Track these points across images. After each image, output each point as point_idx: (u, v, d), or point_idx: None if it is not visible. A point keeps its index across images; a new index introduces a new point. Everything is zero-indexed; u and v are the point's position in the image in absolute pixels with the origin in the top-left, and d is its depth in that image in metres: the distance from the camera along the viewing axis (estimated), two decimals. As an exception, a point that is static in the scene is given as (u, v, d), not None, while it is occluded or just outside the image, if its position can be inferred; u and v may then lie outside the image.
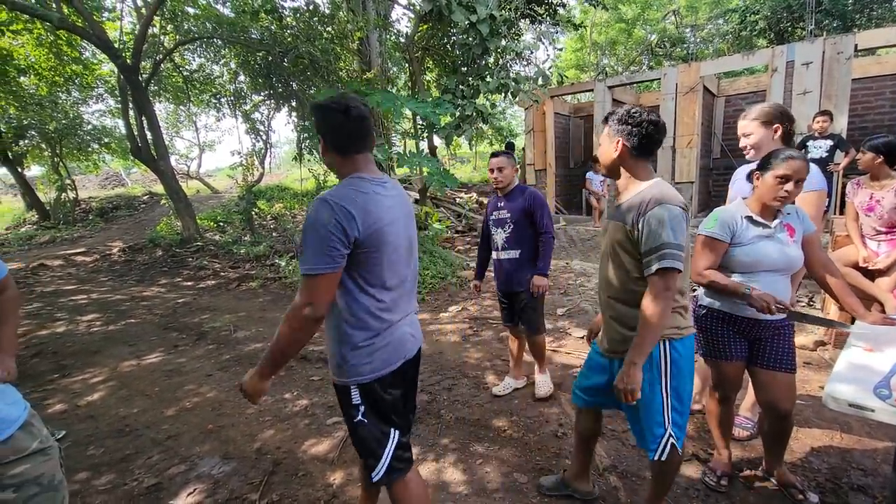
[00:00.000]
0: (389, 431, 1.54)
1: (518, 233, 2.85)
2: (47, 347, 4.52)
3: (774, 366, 1.92)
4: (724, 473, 2.16)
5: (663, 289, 1.48)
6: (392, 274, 1.47)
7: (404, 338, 1.54)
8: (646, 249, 1.50)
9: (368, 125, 1.47)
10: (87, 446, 2.75)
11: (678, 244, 1.47)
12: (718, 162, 9.52)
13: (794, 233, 1.85)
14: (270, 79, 9.42)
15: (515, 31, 7.63)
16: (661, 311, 1.49)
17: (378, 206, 1.41)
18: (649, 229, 1.49)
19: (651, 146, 1.59)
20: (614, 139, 1.60)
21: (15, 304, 1.67)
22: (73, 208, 14.35)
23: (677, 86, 7.39)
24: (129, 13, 10.36)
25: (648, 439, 1.66)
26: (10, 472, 1.35)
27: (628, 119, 1.57)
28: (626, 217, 1.57)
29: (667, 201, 1.48)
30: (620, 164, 1.63)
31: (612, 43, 19.42)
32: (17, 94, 10.93)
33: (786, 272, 1.86)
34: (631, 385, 1.54)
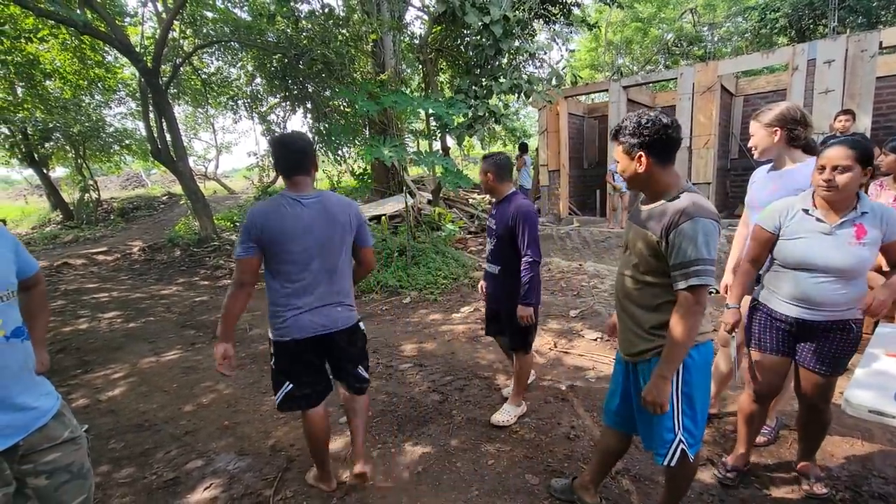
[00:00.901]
0: (283, 381, 2.04)
1: (500, 248, 2.61)
2: (71, 344, 4.66)
3: (811, 366, 1.90)
4: (735, 468, 2.16)
5: (694, 303, 1.45)
6: (296, 270, 1.94)
7: (303, 323, 1.95)
8: (676, 263, 1.46)
9: (303, 156, 1.94)
10: (108, 440, 2.82)
11: (710, 259, 1.44)
12: (736, 162, 9.35)
13: (866, 233, 1.72)
14: (286, 81, 9.55)
15: (529, 31, 7.61)
16: (691, 326, 1.47)
17: (281, 218, 1.88)
18: (682, 244, 1.44)
19: (673, 150, 1.54)
20: (635, 154, 1.54)
21: (45, 298, 1.73)
22: (96, 208, 14.74)
23: (694, 85, 7.29)
24: (150, 18, 10.60)
25: (657, 444, 1.64)
26: (44, 459, 1.41)
27: (643, 130, 1.50)
28: (653, 226, 1.53)
29: (699, 215, 1.43)
30: (649, 178, 1.56)
31: (628, 42, 19.23)
32: (43, 97, 11.27)
33: (844, 275, 1.74)
34: (660, 399, 1.52)
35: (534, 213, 2.53)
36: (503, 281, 2.63)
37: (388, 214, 9.20)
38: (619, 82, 8.33)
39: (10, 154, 13.95)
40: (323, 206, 1.95)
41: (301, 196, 1.93)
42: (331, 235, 1.96)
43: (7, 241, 1.46)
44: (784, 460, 2.31)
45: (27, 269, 1.53)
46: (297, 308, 1.94)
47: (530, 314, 2.53)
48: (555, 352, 3.84)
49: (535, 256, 2.48)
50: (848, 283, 1.76)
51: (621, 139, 1.57)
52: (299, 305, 1.95)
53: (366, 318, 5.01)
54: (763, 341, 2.00)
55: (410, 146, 9.52)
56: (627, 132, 1.54)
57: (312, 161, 1.98)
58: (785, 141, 2.12)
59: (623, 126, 1.56)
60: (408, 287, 6.00)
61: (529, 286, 2.49)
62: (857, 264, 1.72)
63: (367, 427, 2.49)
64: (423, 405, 3.06)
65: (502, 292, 2.65)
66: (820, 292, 1.77)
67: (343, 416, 2.96)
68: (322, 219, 1.94)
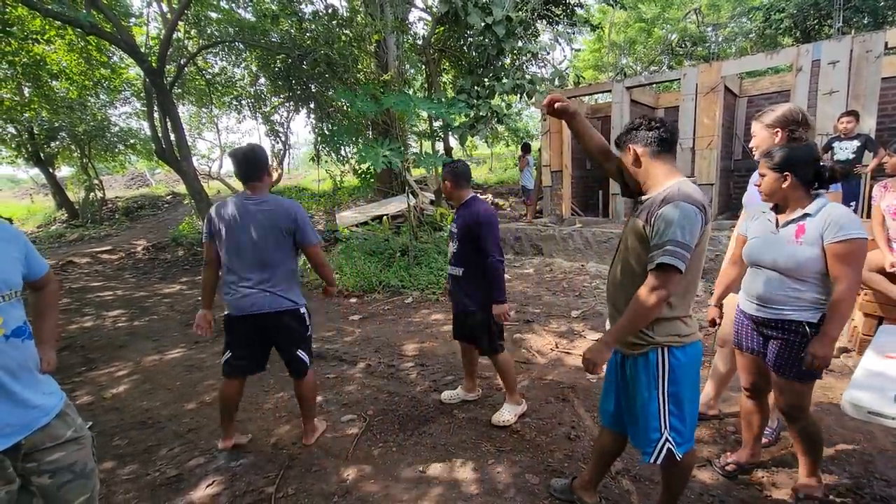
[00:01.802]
0: (225, 350, 2.52)
1: (462, 250, 2.68)
2: (76, 341, 4.69)
3: (774, 368, 1.91)
4: (736, 462, 2.20)
5: (658, 285, 1.47)
6: (232, 259, 2.37)
7: (241, 302, 2.37)
8: (653, 244, 1.50)
9: (255, 166, 2.34)
10: (112, 437, 2.85)
11: (684, 243, 1.44)
12: (740, 163, 9.31)
13: (804, 233, 1.77)
14: (290, 81, 9.58)
15: (532, 32, 7.61)
16: (649, 306, 1.49)
17: (228, 215, 2.34)
18: (659, 225, 1.48)
19: (668, 142, 1.59)
20: (624, 149, 1.66)
21: (55, 298, 1.74)
22: (101, 207, 14.82)
23: (697, 86, 7.26)
24: (154, 18, 10.66)
25: (643, 442, 1.66)
26: (47, 458, 1.42)
27: (630, 126, 1.64)
28: (642, 214, 1.58)
29: (682, 199, 1.47)
30: (642, 172, 1.63)
31: (631, 43, 19.20)
32: (49, 97, 11.35)
33: (786, 272, 1.80)
34: (594, 359, 1.57)
35: (494, 216, 2.65)
36: (466, 282, 2.71)
37: (390, 214, 9.22)
38: (623, 83, 8.32)
39: (17, 153, 14.06)
40: (264, 207, 2.34)
41: (251, 198, 2.35)
42: (264, 234, 2.33)
43: (16, 242, 1.47)
44: (786, 462, 2.31)
45: (37, 270, 1.55)
46: (233, 290, 2.38)
47: (506, 310, 2.63)
48: (556, 352, 3.84)
49: (498, 256, 2.59)
50: (794, 283, 1.80)
51: (619, 144, 1.70)
52: (236, 289, 2.38)
53: (368, 318, 5.04)
54: (738, 339, 2.09)
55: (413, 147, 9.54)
56: (623, 136, 1.68)
57: (265, 169, 2.38)
58: (786, 142, 2.12)
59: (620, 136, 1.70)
60: (410, 287, 6.02)
61: (496, 284, 2.59)
62: (792, 261, 1.77)
63: (313, 410, 2.70)
64: (424, 404, 3.07)
65: (464, 293, 2.73)
66: (767, 289, 1.86)
67: (344, 414, 2.98)
68: (260, 218, 2.32)
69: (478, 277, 2.64)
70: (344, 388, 3.36)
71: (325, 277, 2.58)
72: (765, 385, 2.08)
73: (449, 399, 3.10)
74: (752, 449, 2.20)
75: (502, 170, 18.91)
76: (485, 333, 2.72)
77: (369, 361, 3.81)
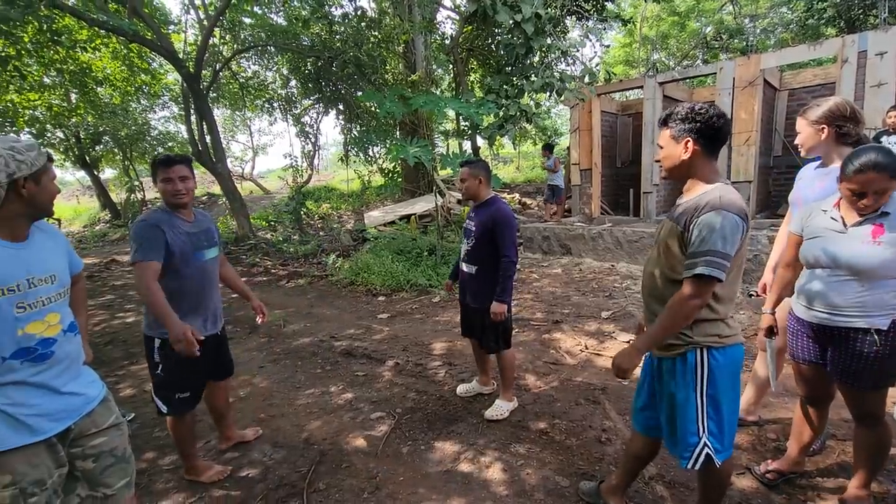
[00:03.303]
0: None
1: (478, 248, 2.70)
2: (119, 336, 4.91)
3: (842, 379, 1.80)
4: (777, 470, 2.10)
5: (694, 294, 1.43)
6: None
7: None
8: (691, 252, 1.45)
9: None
10: (153, 428, 2.96)
11: (725, 253, 1.40)
12: (780, 160, 8.92)
13: (883, 233, 1.63)
14: (319, 83, 9.76)
15: (561, 28, 7.51)
16: (684, 315, 1.46)
17: None
18: (699, 233, 1.43)
19: (721, 142, 1.53)
20: (681, 139, 1.52)
21: (85, 294, 1.85)
22: (141, 208, 15.48)
23: (735, 80, 7.00)
24: (192, 25, 11.05)
25: (681, 447, 1.61)
26: (91, 443, 1.51)
27: (695, 116, 1.49)
28: (681, 218, 1.52)
29: (724, 207, 1.41)
30: (690, 167, 1.55)
31: (664, 37, 18.68)
32: (94, 103, 11.93)
33: (857, 274, 1.67)
34: (625, 365, 1.55)
35: (513, 217, 2.69)
36: (477, 280, 2.74)
37: (417, 214, 9.27)
38: (655, 78, 8.10)
39: (65, 157, 14.85)
40: None
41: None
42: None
43: (62, 243, 1.57)
44: (831, 472, 2.20)
45: (74, 268, 1.64)
46: None
47: (504, 311, 2.64)
48: (586, 353, 3.78)
49: (513, 257, 2.61)
50: (866, 286, 1.68)
51: (670, 125, 1.55)
52: None
53: (396, 316, 5.08)
54: (793, 348, 1.97)
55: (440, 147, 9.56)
56: (678, 117, 1.53)
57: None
58: (833, 138, 2.02)
59: (674, 111, 1.54)
60: (437, 286, 6.03)
61: (504, 284, 2.62)
62: (872, 262, 1.64)
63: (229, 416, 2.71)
64: (452, 404, 3.08)
65: (475, 291, 2.76)
66: (833, 292, 1.73)
67: (374, 412, 3.02)
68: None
69: (490, 276, 2.68)
70: (373, 386, 3.40)
71: None
72: (826, 395, 1.98)
73: (465, 392, 3.14)
74: (797, 458, 2.10)
75: (529, 168, 18.73)
76: (492, 332, 2.76)
77: (398, 360, 3.84)
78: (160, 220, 2.08)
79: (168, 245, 2.05)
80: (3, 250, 1.32)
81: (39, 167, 1.35)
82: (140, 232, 2.03)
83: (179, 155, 2.21)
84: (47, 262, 1.44)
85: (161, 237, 2.04)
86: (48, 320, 1.41)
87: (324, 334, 4.58)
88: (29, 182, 1.33)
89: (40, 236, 1.46)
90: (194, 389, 2.28)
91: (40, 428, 1.36)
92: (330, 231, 10.25)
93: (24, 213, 1.37)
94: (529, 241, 8.07)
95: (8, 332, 1.31)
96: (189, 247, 2.14)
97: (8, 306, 1.31)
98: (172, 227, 2.10)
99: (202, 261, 2.22)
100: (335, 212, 13.14)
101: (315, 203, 13.91)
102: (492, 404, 2.90)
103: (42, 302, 1.39)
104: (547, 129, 17.89)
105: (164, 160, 2.12)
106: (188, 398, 2.23)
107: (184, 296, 2.14)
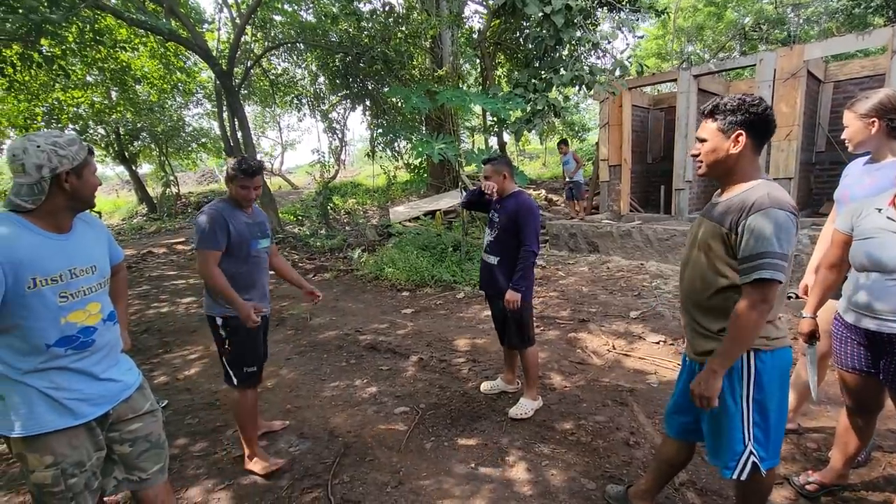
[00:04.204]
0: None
1: (501, 239, 2.75)
2: (153, 325, 5.09)
3: (892, 387, 1.69)
4: (819, 482, 2.00)
5: (760, 300, 1.35)
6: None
7: None
8: (745, 255, 1.37)
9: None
10: (185, 415, 3.06)
11: (783, 254, 1.33)
12: (823, 156, 8.50)
13: None
14: (347, 79, 9.84)
15: (592, 20, 7.32)
16: (753, 324, 1.36)
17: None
18: (752, 234, 1.35)
19: (769, 137, 1.45)
20: (731, 132, 1.42)
21: (126, 284, 1.92)
22: (175, 202, 16.01)
23: (776, 72, 6.69)
24: (225, 24, 11.32)
25: (727, 456, 1.52)
26: (128, 428, 1.56)
27: (748, 108, 1.40)
28: (725, 218, 1.43)
29: (775, 205, 1.34)
30: (736, 162, 1.45)
31: (699, 28, 18.03)
32: (133, 100, 12.39)
33: None
34: (708, 392, 1.44)
35: (537, 208, 2.73)
36: (499, 270, 2.76)
37: (442, 209, 9.26)
38: (690, 71, 7.82)
39: (106, 153, 15.47)
40: None
41: None
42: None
43: (103, 234, 1.62)
44: (876, 485, 2.08)
45: (114, 257, 1.69)
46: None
47: (517, 299, 2.64)
48: (613, 354, 3.69)
49: (534, 247, 2.65)
50: None
51: (717, 116, 1.45)
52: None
53: (420, 312, 5.09)
54: (840, 356, 1.86)
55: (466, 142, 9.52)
56: (727, 109, 1.43)
57: None
58: (884, 132, 1.90)
59: (722, 103, 1.44)
60: (461, 282, 6.01)
61: (523, 273, 2.64)
62: None
63: None
64: (476, 401, 3.06)
65: (496, 280, 2.77)
66: (887, 297, 1.61)
67: (397, 406, 3.03)
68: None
69: (511, 267, 2.71)
70: (397, 380, 3.41)
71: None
72: (875, 405, 1.87)
73: (489, 390, 3.13)
74: (841, 470, 1.99)
75: (556, 164, 18.46)
76: (515, 328, 2.77)
77: (421, 355, 3.84)
78: (224, 211, 2.25)
79: (230, 234, 2.23)
80: (48, 241, 1.37)
81: (81, 161, 1.39)
82: (206, 221, 2.20)
83: (258, 163, 2.35)
84: (89, 253, 1.48)
85: (225, 227, 2.22)
86: (89, 309, 1.45)
87: (349, 328, 4.63)
88: (71, 176, 1.37)
89: (82, 227, 1.51)
90: (258, 364, 2.45)
91: (81, 412, 1.41)
92: (356, 226, 10.36)
93: (68, 205, 1.41)
94: (556, 238, 7.95)
95: (51, 321, 1.36)
96: (247, 236, 2.32)
97: (51, 296, 1.35)
98: (234, 217, 2.28)
99: (257, 249, 2.39)
100: (361, 207, 13.27)
101: (341, 198, 14.09)
102: (516, 403, 2.87)
103: (83, 292, 1.44)
104: (574, 125, 17.58)
105: (249, 171, 2.27)
106: (254, 373, 2.41)
107: (240, 278, 2.32)
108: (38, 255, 1.33)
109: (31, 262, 1.31)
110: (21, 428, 1.34)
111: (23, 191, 1.33)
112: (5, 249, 1.27)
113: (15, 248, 1.29)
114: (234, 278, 2.26)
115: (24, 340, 1.34)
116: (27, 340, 1.34)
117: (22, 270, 1.29)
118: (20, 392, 1.35)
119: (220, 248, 2.21)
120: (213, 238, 2.19)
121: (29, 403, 1.35)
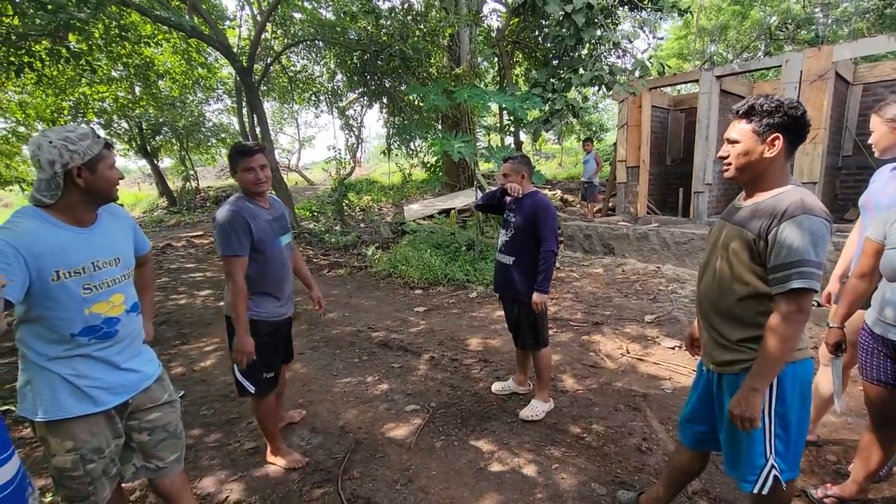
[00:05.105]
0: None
1: (517, 239, 2.72)
2: (171, 317, 5.19)
3: None
4: (838, 496, 1.95)
5: (796, 310, 1.30)
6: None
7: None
8: (778, 264, 1.31)
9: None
10: (200, 406, 3.11)
11: (818, 262, 1.28)
12: (850, 160, 8.26)
13: None
14: (365, 77, 9.88)
15: (613, 20, 7.22)
16: (790, 335, 1.31)
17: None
18: (785, 242, 1.30)
19: (802, 141, 1.40)
20: (768, 135, 1.37)
21: (153, 275, 1.94)
22: (195, 196, 16.29)
23: (802, 73, 6.52)
24: (246, 20, 11.46)
25: (746, 469, 1.48)
26: (146, 417, 1.59)
27: (787, 111, 1.34)
28: (752, 224, 1.38)
29: (809, 211, 1.29)
30: (769, 166, 1.39)
31: (723, 28, 17.67)
32: (155, 95, 12.62)
33: None
34: (749, 413, 1.37)
35: (554, 208, 2.72)
36: (514, 271, 2.73)
37: (457, 208, 9.25)
38: (712, 71, 7.67)
39: (129, 147, 15.82)
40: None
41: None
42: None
43: (128, 223, 1.65)
44: (895, 502, 2.02)
45: (141, 248, 1.72)
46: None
47: (545, 300, 2.64)
48: (627, 358, 3.65)
49: (554, 247, 2.62)
50: None
51: (752, 118, 1.39)
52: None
53: (432, 310, 5.10)
54: (866, 367, 1.81)
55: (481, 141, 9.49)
56: (764, 111, 1.37)
57: None
58: None
59: (759, 104, 1.38)
60: (475, 281, 6.00)
61: (546, 274, 2.61)
62: None
63: None
64: (486, 401, 3.05)
65: (511, 280, 2.75)
66: None
67: (408, 404, 3.04)
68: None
69: (526, 267, 2.69)
70: (408, 378, 3.42)
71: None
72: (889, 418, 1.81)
73: (500, 390, 3.12)
74: (862, 484, 1.93)
75: (573, 164, 18.29)
76: (528, 329, 2.75)
77: (433, 354, 3.85)
78: (244, 210, 2.09)
79: (253, 235, 2.09)
80: (70, 235, 1.40)
81: (93, 156, 1.38)
82: (228, 224, 2.04)
83: (256, 143, 2.23)
84: (112, 246, 1.51)
85: (247, 228, 2.07)
86: (112, 300, 1.48)
87: (361, 324, 4.65)
88: (84, 170, 1.37)
89: (107, 220, 1.53)
90: (277, 368, 2.38)
91: (101, 400, 1.45)
92: (370, 223, 10.40)
93: (83, 199, 1.42)
94: (570, 240, 7.89)
95: (76, 311, 1.40)
96: (270, 235, 2.17)
97: (75, 287, 1.38)
98: (255, 216, 2.12)
99: (280, 247, 2.25)
100: (376, 204, 13.33)
101: (357, 195, 14.17)
102: (527, 404, 2.86)
103: (107, 283, 1.47)
104: (592, 124, 17.39)
105: (243, 150, 2.10)
106: (273, 377, 2.32)
107: (265, 280, 2.20)
108: (61, 248, 1.36)
109: (52, 255, 1.33)
110: (44, 412, 1.38)
111: (42, 186, 1.36)
112: (26, 243, 1.30)
113: (36, 241, 1.32)
114: (259, 280, 2.16)
115: (51, 330, 1.38)
116: (53, 330, 1.38)
117: (44, 263, 1.32)
118: (45, 378, 1.39)
119: (245, 253, 2.07)
120: (237, 243, 2.04)
121: (52, 389, 1.39)
